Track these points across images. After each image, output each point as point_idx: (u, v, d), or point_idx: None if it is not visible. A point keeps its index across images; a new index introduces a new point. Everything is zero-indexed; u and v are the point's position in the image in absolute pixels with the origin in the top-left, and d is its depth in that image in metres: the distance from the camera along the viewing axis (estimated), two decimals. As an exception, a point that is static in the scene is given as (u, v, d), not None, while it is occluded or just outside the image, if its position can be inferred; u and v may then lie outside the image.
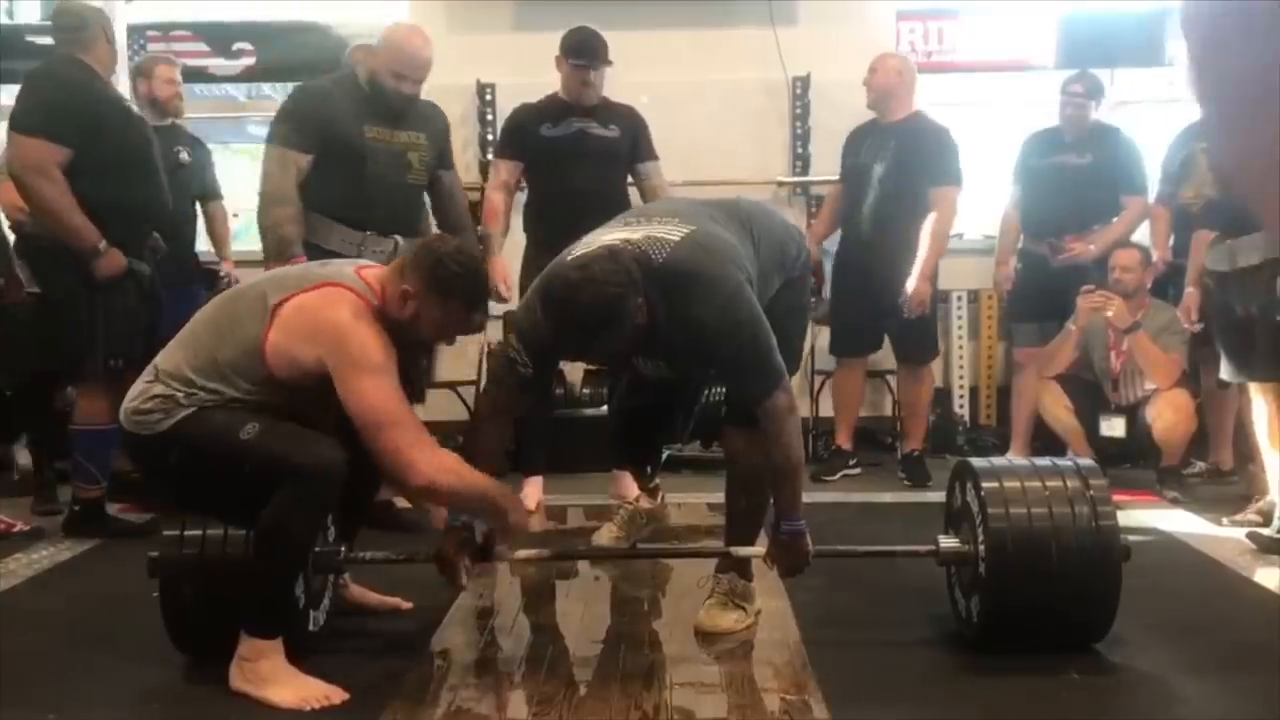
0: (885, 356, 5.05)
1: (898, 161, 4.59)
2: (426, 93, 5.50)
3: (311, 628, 2.76)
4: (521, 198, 4.38)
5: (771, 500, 2.70)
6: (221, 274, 4.84)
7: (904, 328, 4.73)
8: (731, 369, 2.62)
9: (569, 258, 2.55)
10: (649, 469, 3.48)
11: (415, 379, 2.77)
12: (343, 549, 2.80)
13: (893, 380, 5.26)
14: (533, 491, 4.09)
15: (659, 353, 2.66)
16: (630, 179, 4.30)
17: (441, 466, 2.46)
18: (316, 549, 2.72)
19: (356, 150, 3.64)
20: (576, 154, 4.13)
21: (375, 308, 2.51)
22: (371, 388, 2.42)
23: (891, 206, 4.60)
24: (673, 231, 2.59)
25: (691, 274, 2.52)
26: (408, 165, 3.74)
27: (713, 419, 3.14)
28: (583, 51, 4.13)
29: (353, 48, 4.75)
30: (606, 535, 3.52)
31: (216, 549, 2.60)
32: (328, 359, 2.42)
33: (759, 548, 2.81)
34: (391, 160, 3.70)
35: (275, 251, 3.57)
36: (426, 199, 3.96)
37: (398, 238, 3.68)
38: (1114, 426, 4.56)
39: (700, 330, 2.51)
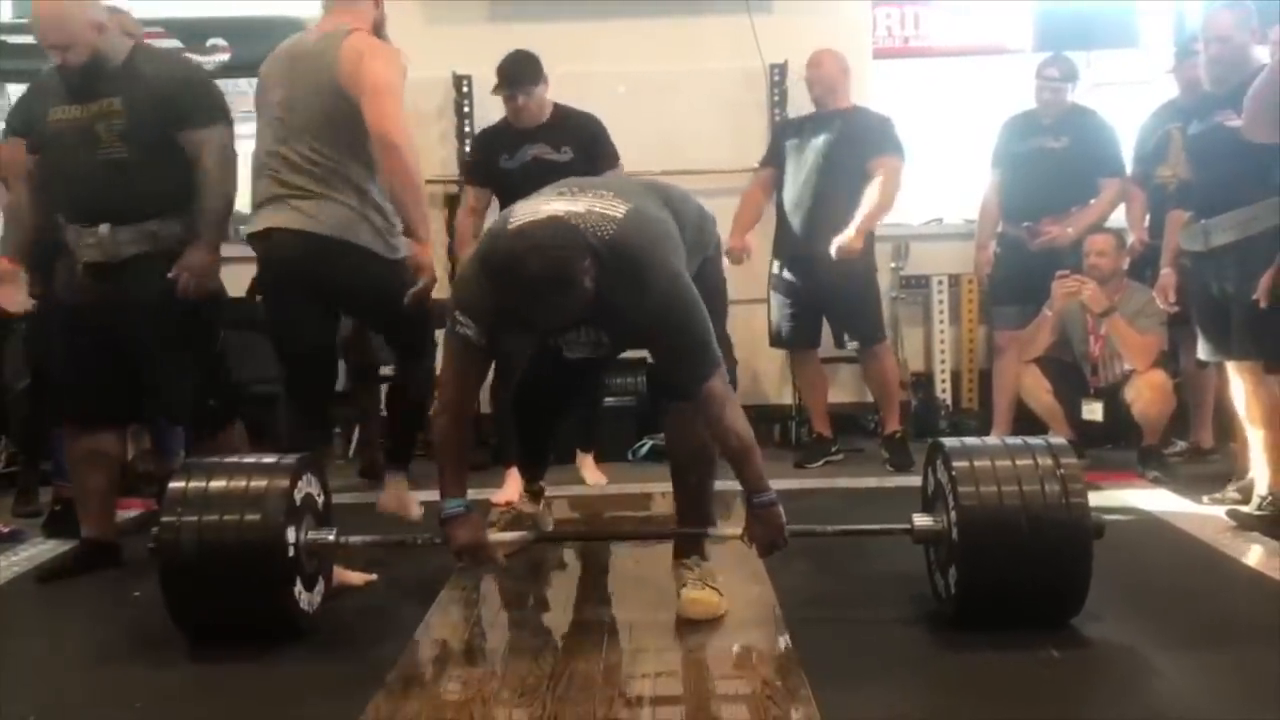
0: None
1: (839, 142, 4.64)
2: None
3: (306, 608, 2.78)
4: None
5: (739, 480, 2.70)
6: None
7: (844, 312, 4.75)
8: (671, 353, 2.61)
9: (509, 226, 2.53)
10: (539, 466, 3.33)
11: None
12: (335, 533, 2.85)
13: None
14: (513, 483, 4.09)
15: (601, 325, 2.64)
16: None
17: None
18: (312, 535, 2.79)
19: (42, 139, 3.36)
20: (532, 182, 4.10)
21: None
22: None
23: (830, 191, 4.63)
24: (614, 207, 2.58)
25: (637, 255, 2.52)
26: (95, 140, 3.24)
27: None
28: (504, 80, 4.26)
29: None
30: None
31: (214, 531, 2.65)
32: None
33: (734, 528, 2.82)
34: (77, 139, 3.26)
35: None
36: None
37: (103, 226, 3.23)
38: (1093, 410, 4.58)
39: (642, 312, 2.51)
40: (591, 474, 4.58)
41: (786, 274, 4.78)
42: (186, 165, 3.26)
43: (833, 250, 4.56)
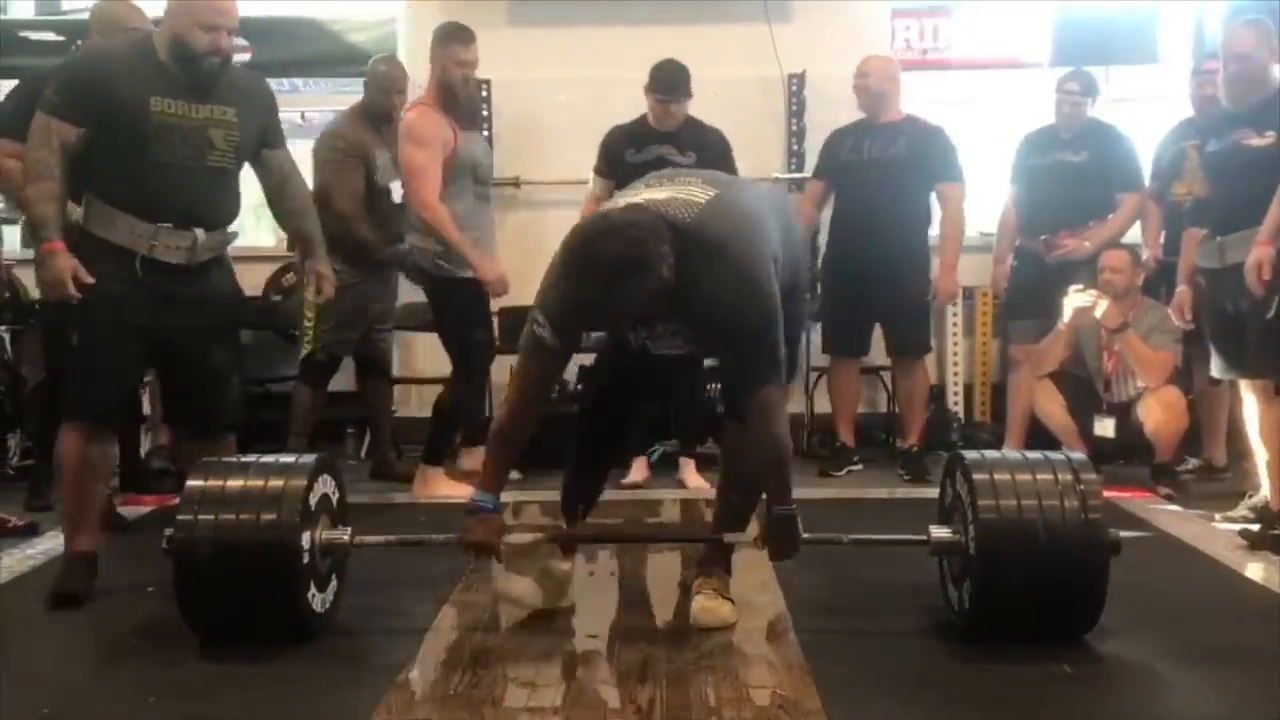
0: (880, 353, 5.09)
1: (909, 159, 4.69)
2: (421, 88, 5.52)
3: (319, 609, 2.78)
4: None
5: (763, 490, 2.71)
6: None
7: (899, 323, 4.79)
8: (738, 350, 2.56)
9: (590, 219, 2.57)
10: (589, 499, 3.15)
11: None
12: (350, 532, 2.88)
13: (888, 377, 5.28)
14: (639, 467, 4.66)
15: (679, 317, 2.60)
16: None
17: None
18: (326, 535, 2.80)
19: (139, 128, 3.08)
20: None
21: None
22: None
23: (894, 204, 4.69)
24: (697, 193, 2.56)
25: (718, 241, 2.50)
26: (208, 145, 3.16)
27: (706, 418, 3.17)
28: (663, 87, 4.54)
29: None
30: (519, 582, 2.99)
31: (230, 530, 2.66)
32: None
33: (747, 534, 2.84)
34: (186, 140, 3.13)
35: (31, 232, 3.19)
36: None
37: (198, 231, 3.16)
38: (1105, 427, 4.58)
39: (718, 301, 2.49)
40: (693, 478, 4.60)
41: (843, 284, 4.82)
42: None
43: (936, 297, 4.74)
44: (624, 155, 4.56)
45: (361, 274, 4.58)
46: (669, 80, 4.52)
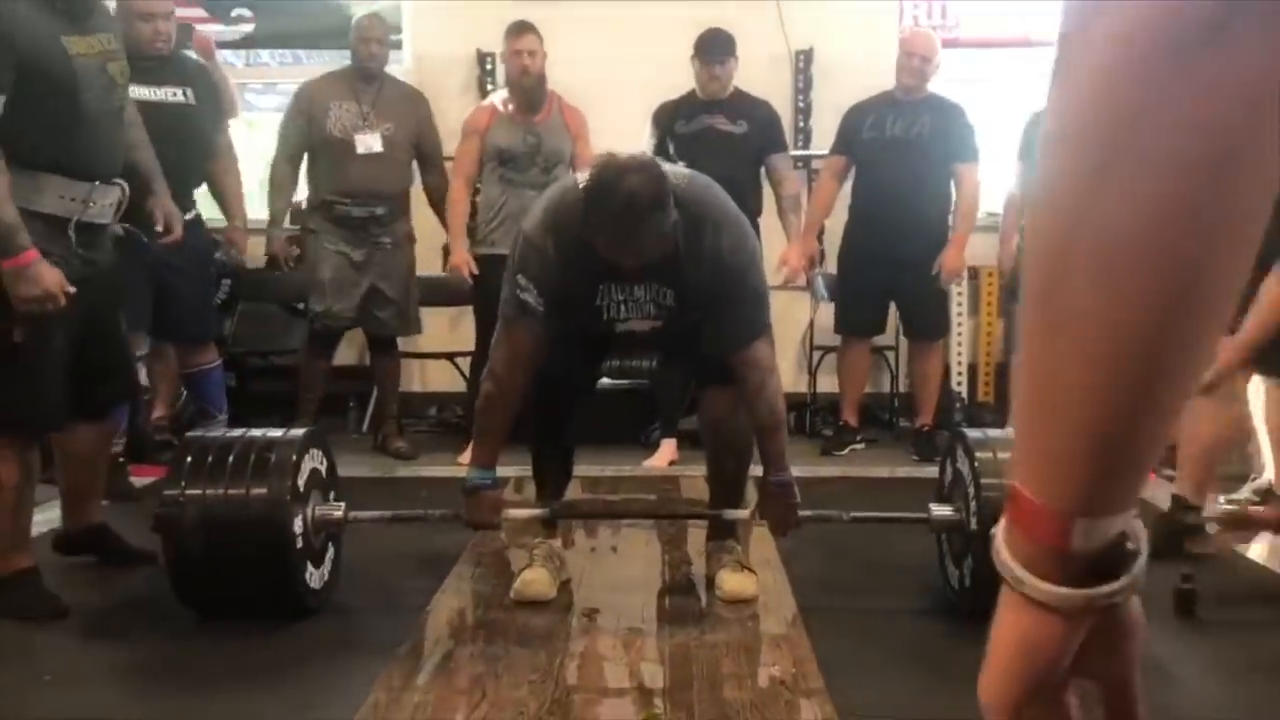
0: (886, 334, 5.07)
1: (932, 138, 4.67)
2: (424, 61, 5.48)
3: (315, 586, 2.77)
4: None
5: (761, 452, 2.72)
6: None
7: (917, 304, 4.78)
8: (730, 309, 2.60)
9: (579, 180, 2.57)
10: (562, 482, 3.04)
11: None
12: (344, 507, 2.84)
13: (891, 357, 5.26)
14: (667, 450, 4.55)
15: (668, 280, 2.59)
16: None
17: None
18: (320, 511, 2.77)
19: (62, 76, 2.57)
20: (703, 148, 4.39)
21: None
22: None
23: (917, 183, 4.67)
24: (677, 170, 2.66)
25: (711, 206, 2.60)
26: (112, 83, 2.71)
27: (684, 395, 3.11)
28: (706, 49, 4.57)
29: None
30: (533, 579, 2.88)
31: (219, 506, 2.64)
32: None
33: (744, 510, 2.85)
34: (98, 80, 2.67)
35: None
36: None
37: (121, 183, 2.77)
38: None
39: (718, 261, 2.55)
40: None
41: (862, 264, 4.78)
42: None
43: (942, 272, 4.65)
44: (674, 126, 4.54)
45: (352, 243, 4.50)
46: (711, 41, 4.55)
